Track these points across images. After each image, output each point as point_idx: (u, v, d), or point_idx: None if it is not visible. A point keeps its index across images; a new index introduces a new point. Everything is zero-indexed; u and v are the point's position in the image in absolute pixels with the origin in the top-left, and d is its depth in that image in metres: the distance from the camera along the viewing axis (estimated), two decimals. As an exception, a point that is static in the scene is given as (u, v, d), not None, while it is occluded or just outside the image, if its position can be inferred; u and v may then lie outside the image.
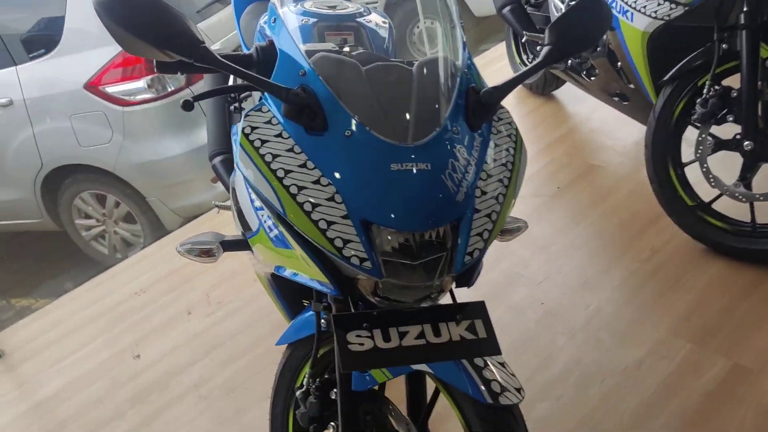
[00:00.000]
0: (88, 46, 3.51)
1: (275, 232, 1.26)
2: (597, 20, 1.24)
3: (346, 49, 1.49)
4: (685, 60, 2.29)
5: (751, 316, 2.13)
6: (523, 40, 3.74)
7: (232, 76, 1.86)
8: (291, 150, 1.11)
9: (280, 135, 1.13)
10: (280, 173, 1.09)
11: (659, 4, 2.28)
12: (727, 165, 2.33)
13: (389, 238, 1.07)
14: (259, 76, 1.13)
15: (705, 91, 2.23)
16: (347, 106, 1.11)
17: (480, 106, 1.17)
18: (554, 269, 2.51)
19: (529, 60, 3.72)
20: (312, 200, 1.06)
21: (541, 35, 1.51)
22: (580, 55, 2.98)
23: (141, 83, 3.50)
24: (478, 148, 1.17)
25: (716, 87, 2.23)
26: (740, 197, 2.25)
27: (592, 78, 2.93)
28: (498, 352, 1.17)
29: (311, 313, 1.42)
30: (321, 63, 1.19)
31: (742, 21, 2.11)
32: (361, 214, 1.06)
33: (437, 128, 1.11)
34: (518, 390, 1.19)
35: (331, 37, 1.57)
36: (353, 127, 1.09)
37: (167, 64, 1.15)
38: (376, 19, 1.65)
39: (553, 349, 2.15)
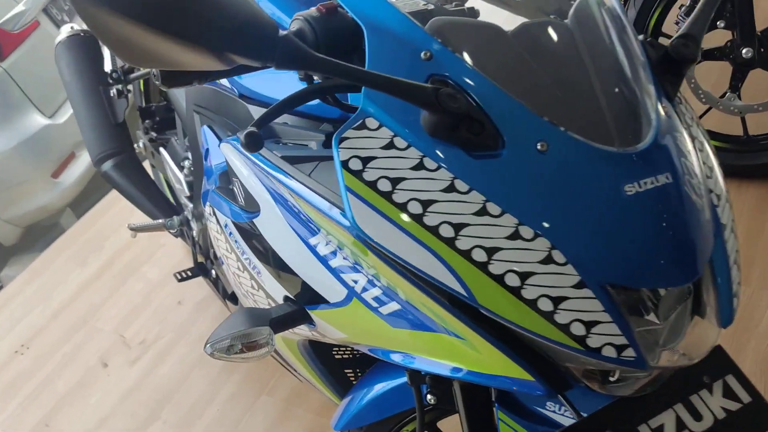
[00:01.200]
0: None
1: (393, 306, 0.82)
2: None
3: None
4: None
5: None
6: None
7: None
8: (451, 189, 0.70)
9: (421, 166, 0.71)
10: (446, 231, 0.70)
11: None
12: (702, 77, 2.14)
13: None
14: (386, 75, 0.68)
15: (688, -5, 1.99)
16: (522, 101, 0.71)
17: (670, 65, 0.81)
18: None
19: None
20: (518, 268, 0.69)
21: None
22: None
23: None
24: (688, 129, 0.81)
25: (699, -10, 1.99)
26: (735, 110, 2.07)
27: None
28: None
29: (391, 384, 1.03)
30: (452, 34, 0.77)
31: None
32: (605, 275, 0.69)
33: (654, 114, 0.74)
34: None
35: None
36: (548, 135, 0.70)
37: (187, 74, 0.68)
38: None
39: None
